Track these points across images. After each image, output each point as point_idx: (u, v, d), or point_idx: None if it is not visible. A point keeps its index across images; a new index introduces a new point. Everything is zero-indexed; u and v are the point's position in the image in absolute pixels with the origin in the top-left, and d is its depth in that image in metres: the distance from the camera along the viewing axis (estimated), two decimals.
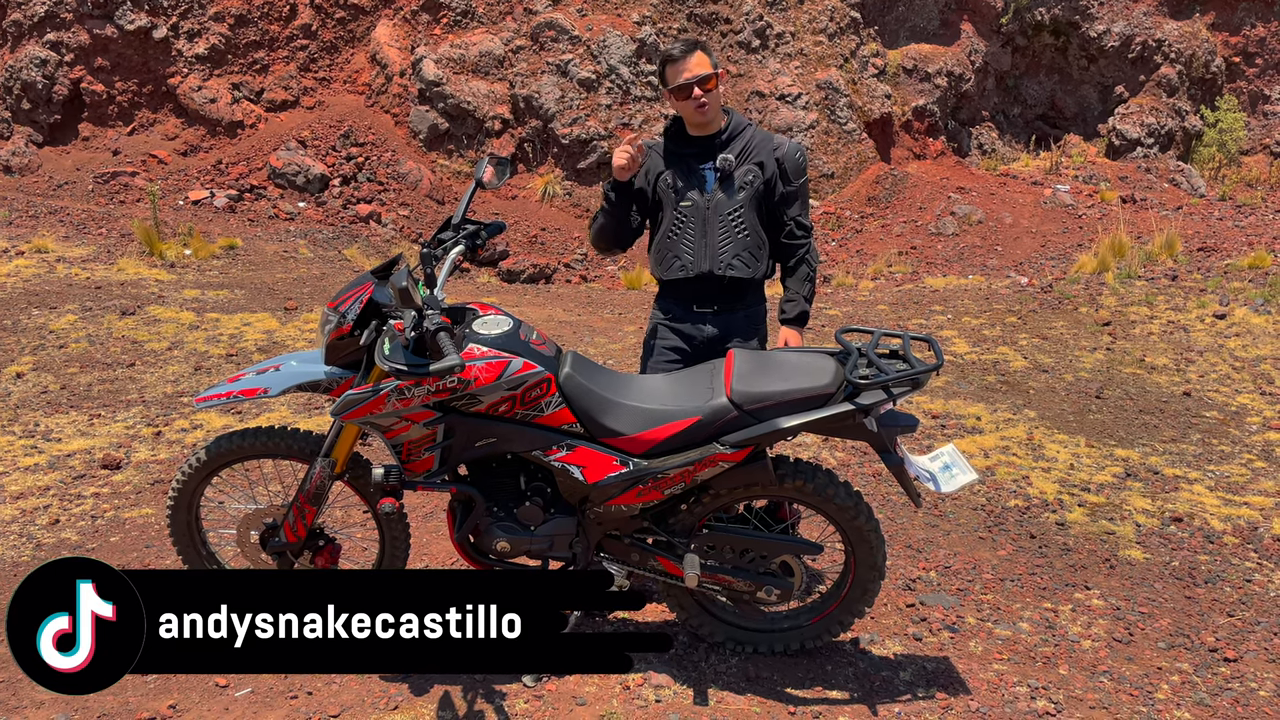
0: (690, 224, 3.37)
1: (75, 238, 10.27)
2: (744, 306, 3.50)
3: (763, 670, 3.28)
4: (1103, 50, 16.02)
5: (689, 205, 3.37)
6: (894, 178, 13.67)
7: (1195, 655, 3.53)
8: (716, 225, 3.35)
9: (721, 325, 3.47)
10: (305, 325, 7.61)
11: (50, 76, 12.72)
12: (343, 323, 2.94)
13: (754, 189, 3.35)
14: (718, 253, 3.36)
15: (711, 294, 3.43)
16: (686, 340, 3.50)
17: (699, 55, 3.29)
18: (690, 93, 3.27)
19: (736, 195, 3.34)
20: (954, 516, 4.60)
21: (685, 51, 3.29)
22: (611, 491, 3.01)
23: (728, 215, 3.35)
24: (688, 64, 3.27)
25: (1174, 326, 7.98)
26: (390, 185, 12.35)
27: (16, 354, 6.66)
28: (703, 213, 3.36)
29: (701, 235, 3.36)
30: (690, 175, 3.38)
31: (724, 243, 3.36)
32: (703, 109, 3.30)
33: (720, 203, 3.35)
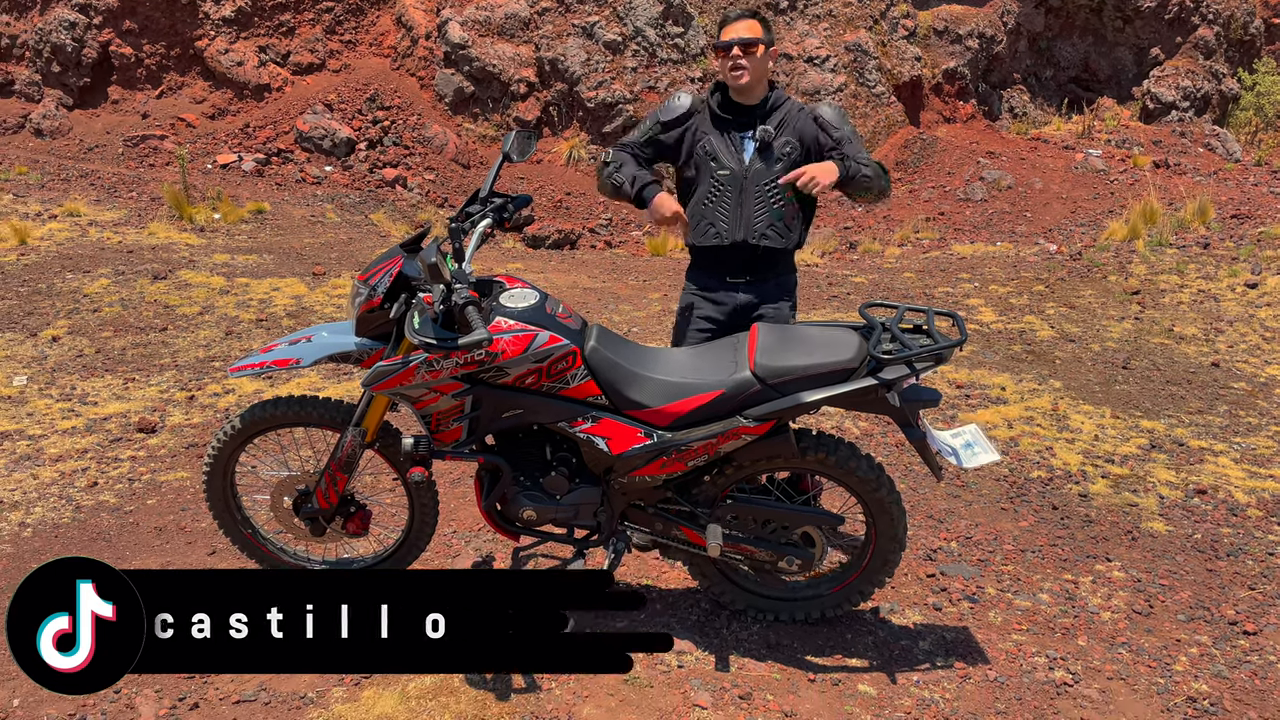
0: (727, 192, 3.41)
1: (106, 201, 10.38)
2: (774, 276, 3.54)
3: (783, 638, 3.33)
4: (1139, 11, 15.68)
5: (726, 174, 3.40)
6: (923, 142, 13.52)
7: (1215, 628, 3.55)
8: (753, 195, 3.39)
9: (754, 293, 3.52)
10: (333, 290, 7.69)
11: (79, 39, 12.79)
12: (373, 296, 2.99)
13: (790, 160, 3.38)
14: (753, 222, 3.40)
15: (744, 263, 3.47)
16: (719, 308, 3.55)
17: (751, 22, 3.38)
18: (730, 51, 3.33)
19: (774, 166, 3.38)
20: (976, 487, 4.62)
21: (739, 15, 3.40)
22: (636, 463, 3.06)
23: (764, 186, 3.38)
24: (737, 26, 3.37)
25: (1204, 296, 7.90)
26: (416, 149, 12.37)
27: (52, 318, 6.78)
28: (740, 182, 3.39)
29: (737, 204, 3.40)
30: (729, 143, 3.42)
31: (759, 213, 3.39)
32: (738, 72, 3.34)
33: (758, 173, 3.38)
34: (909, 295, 8.18)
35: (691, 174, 3.50)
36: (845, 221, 12.11)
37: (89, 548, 3.84)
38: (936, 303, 7.93)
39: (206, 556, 3.80)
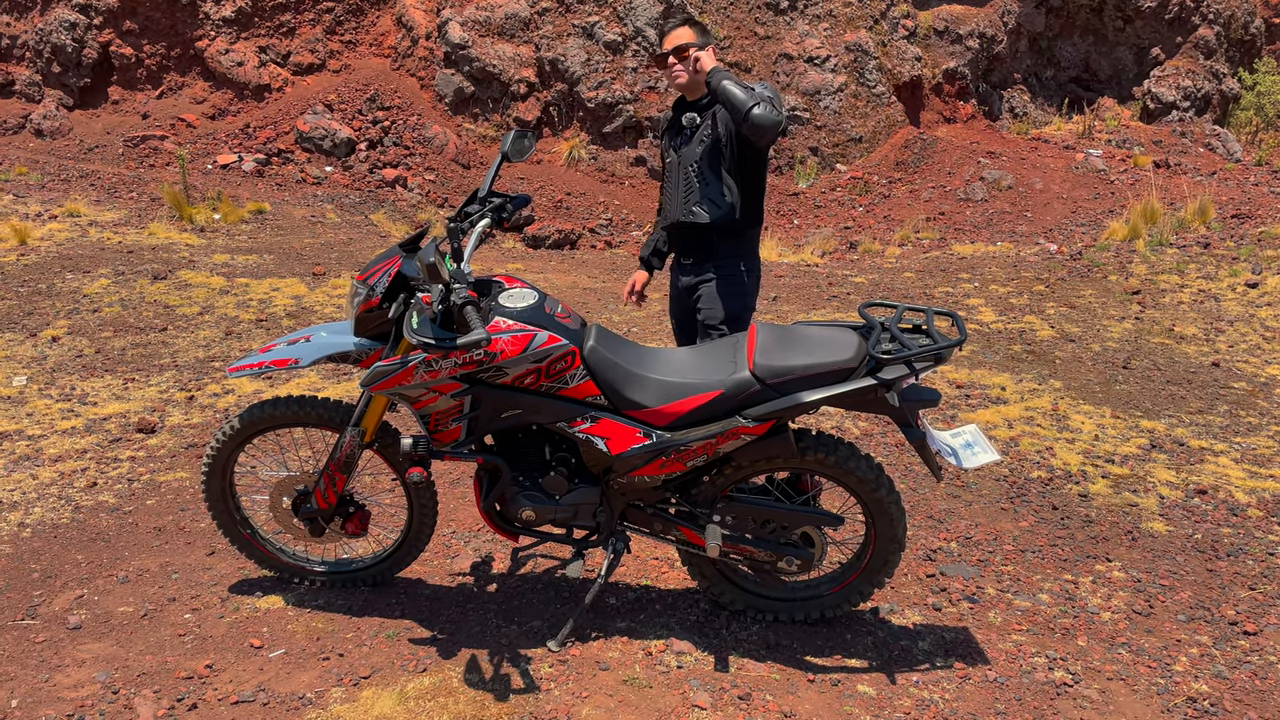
0: (670, 178, 3.76)
1: (106, 201, 10.38)
2: (712, 257, 3.70)
3: (783, 638, 3.33)
4: (1139, 11, 15.68)
5: (670, 161, 3.76)
6: (923, 142, 13.51)
7: (1215, 628, 3.55)
8: (680, 177, 3.68)
9: (693, 273, 3.76)
10: (333, 290, 7.69)
11: (80, 40, 12.79)
12: (371, 295, 2.99)
13: (709, 141, 3.60)
14: (684, 201, 3.67)
15: (687, 245, 3.76)
16: (674, 291, 3.91)
17: (683, 29, 3.65)
18: (665, 62, 3.63)
19: (695, 148, 3.63)
20: (976, 487, 4.62)
21: (673, 26, 3.67)
22: (635, 463, 3.05)
23: (689, 166, 3.65)
24: (672, 36, 3.64)
25: (1205, 295, 7.90)
26: (416, 149, 12.37)
27: (52, 318, 6.78)
28: (675, 168, 3.71)
29: (675, 187, 3.71)
30: (674, 135, 3.76)
31: (686, 192, 3.66)
32: (675, 76, 3.62)
33: (685, 155, 3.67)
34: (909, 295, 8.17)
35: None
36: (845, 222, 12.11)
37: (88, 548, 3.84)
38: (936, 303, 7.92)
39: (206, 557, 3.79)
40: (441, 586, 3.62)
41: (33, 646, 3.19)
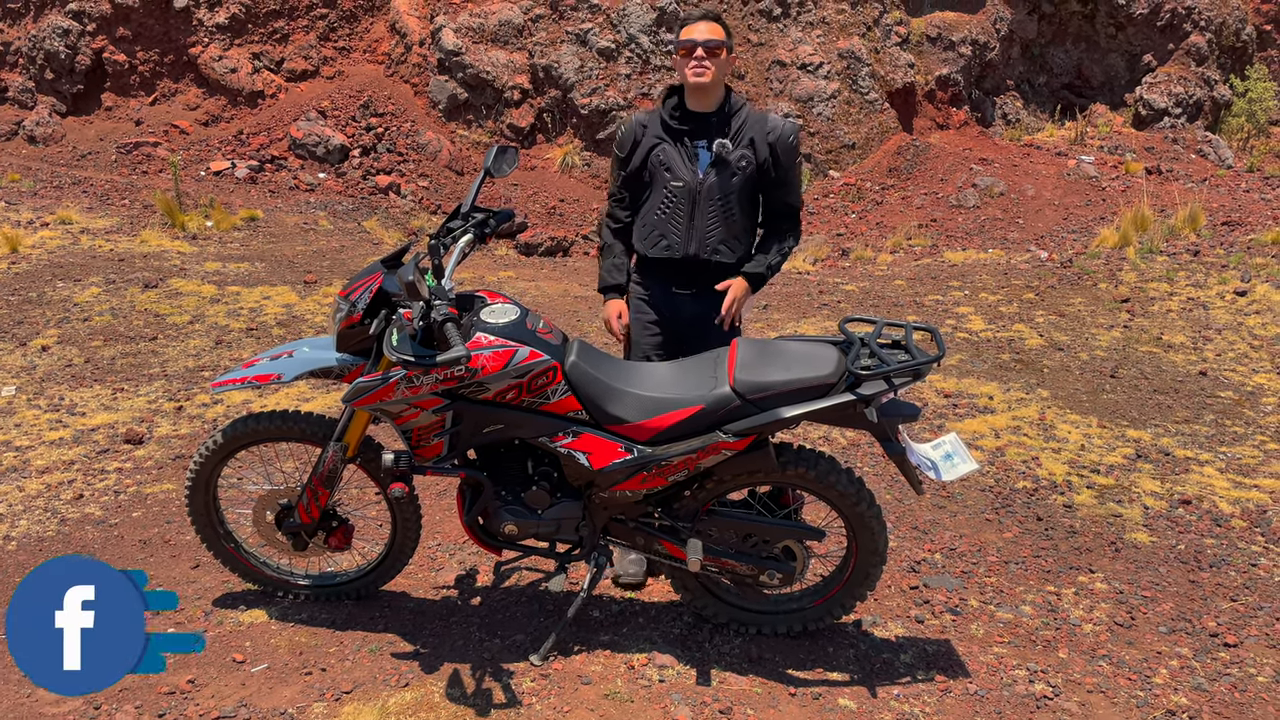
0: (680, 205, 3.39)
1: (99, 208, 10.38)
2: (722, 292, 3.52)
3: (765, 651, 3.34)
4: (1131, 18, 15.72)
5: (680, 186, 3.38)
6: (916, 148, 13.54)
7: (1196, 640, 3.56)
8: (706, 209, 3.37)
9: (702, 306, 3.51)
10: (324, 299, 7.70)
11: (73, 46, 12.79)
12: (353, 312, 3.00)
13: (746, 175, 3.37)
14: (705, 236, 3.40)
15: (693, 276, 3.47)
16: (665, 317, 3.56)
17: (713, 24, 3.33)
18: (693, 51, 3.28)
19: (730, 180, 3.36)
20: (961, 498, 4.63)
21: (702, 16, 3.34)
22: (616, 477, 3.07)
23: (718, 200, 3.37)
24: (700, 27, 3.32)
25: (1194, 303, 7.92)
26: (410, 156, 12.38)
27: (42, 326, 6.78)
28: (693, 194, 3.37)
29: (689, 217, 3.39)
30: (683, 152, 3.38)
31: (712, 227, 3.39)
32: (700, 72, 3.29)
33: (712, 186, 3.36)
34: (899, 303, 8.20)
35: (646, 180, 3.46)
36: (838, 228, 12.13)
37: None
38: (927, 310, 7.94)
39: (190, 570, 3.80)
40: (425, 600, 3.63)
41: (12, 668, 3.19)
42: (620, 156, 3.51)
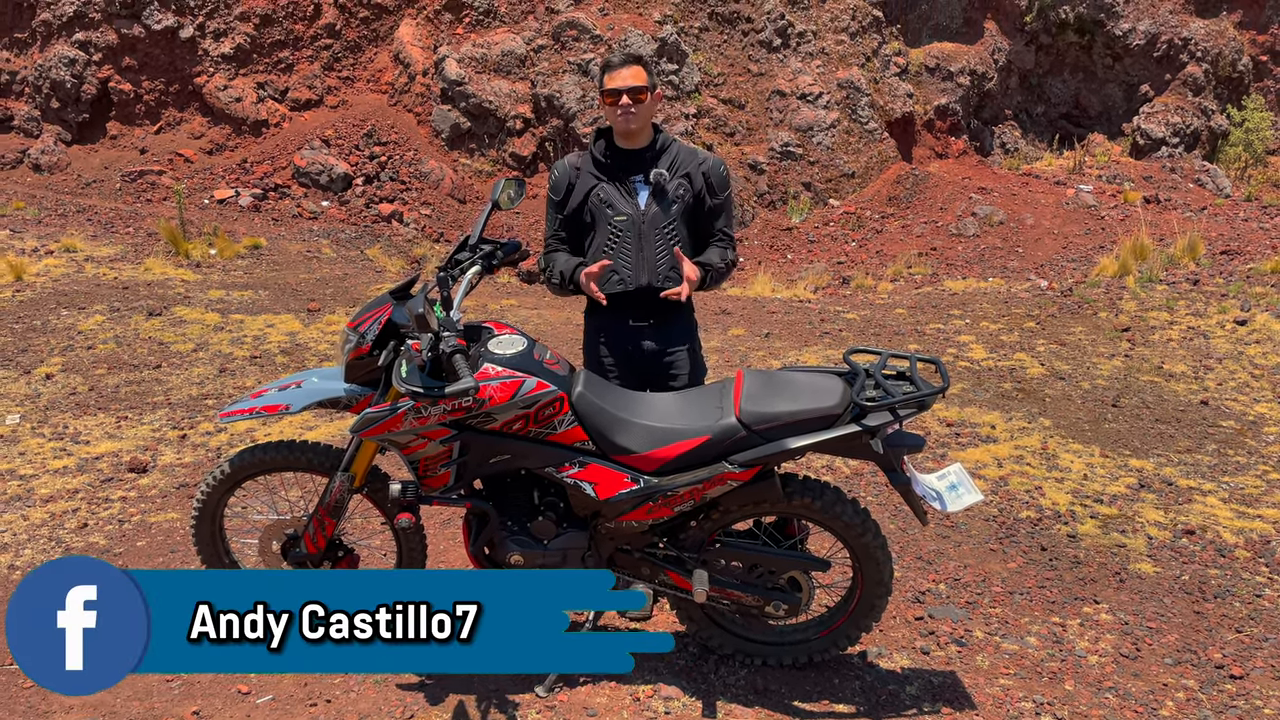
0: (626, 238, 3.44)
1: (103, 237, 10.44)
2: (679, 319, 3.59)
3: (771, 683, 3.33)
4: (1128, 49, 15.88)
5: (624, 219, 3.44)
6: (915, 177, 13.63)
7: (1201, 671, 3.56)
8: (653, 238, 3.44)
9: (658, 338, 3.56)
10: (327, 327, 7.72)
11: (79, 76, 12.90)
12: (361, 343, 3.02)
13: (684, 202, 3.46)
14: (655, 265, 3.45)
15: (648, 307, 3.50)
16: (623, 354, 3.58)
17: (636, 69, 3.41)
18: (619, 99, 3.36)
19: (670, 208, 3.44)
20: (965, 528, 4.64)
21: (624, 62, 3.42)
22: (622, 507, 3.07)
23: (664, 228, 3.44)
24: (623, 74, 3.39)
25: (1194, 332, 7.95)
26: (413, 184, 12.46)
27: (46, 355, 6.80)
28: (637, 226, 3.43)
29: (638, 249, 3.44)
30: (621, 189, 3.46)
31: (661, 255, 3.45)
32: (628, 117, 3.38)
33: (655, 216, 3.44)
34: (900, 332, 8.22)
35: (588, 221, 3.51)
36: (838, 257, 12.19)
37: None
38: (928, 339, 7.97)
39: None
40: None
41: (21, 692, 3.19)
42: (555, 200, 3.56)
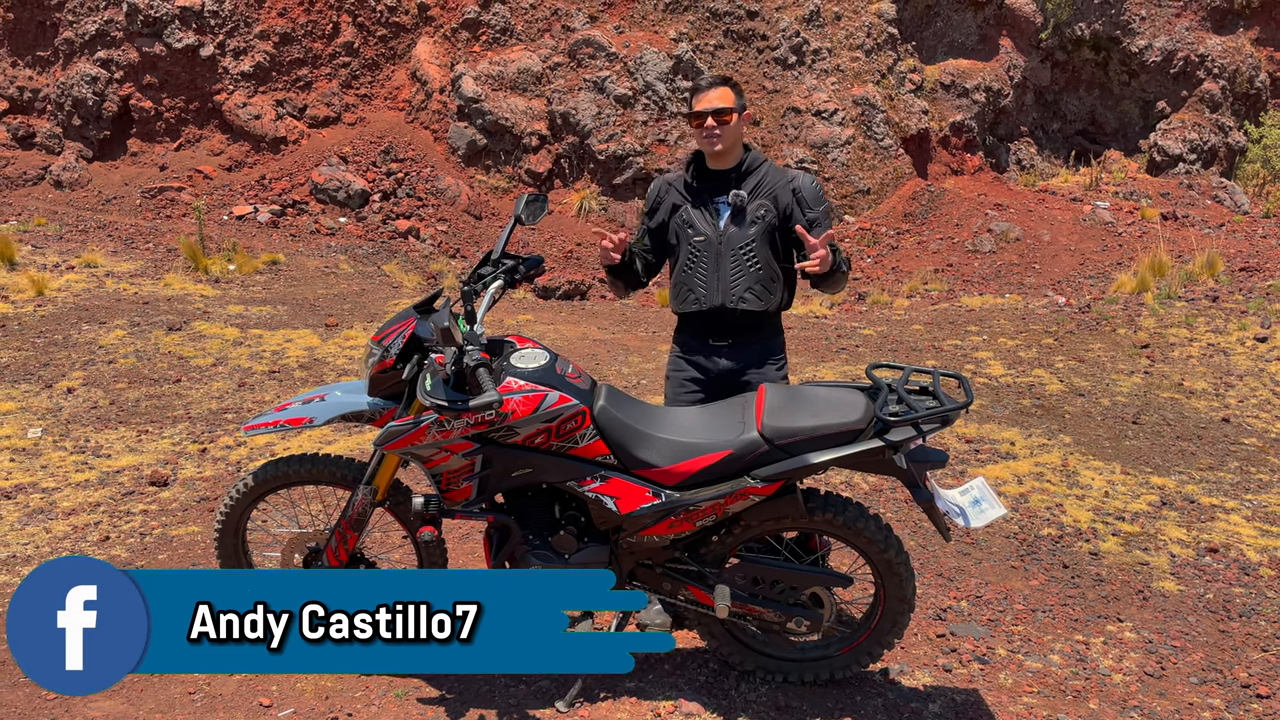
0: (703, 258, 3.47)
1: (123, 252, 10.53)
2: (759, 339, 3.57)
3: (792, 700, 3.31)
4: (1144, 65, 15.87)
5: (701, 240, 3.47)
6: (931, 194, 13.63)
7: (1227, 691, 3.52)
8: (728, 259, 3.44)
9: (736, 358, 3.54)
10: (345, 342, 7.76)
11: (100, 93, 13.05)
12: (385, 357, 3.03)
13: (765, 223, 3.44)
14: (730, 286, 3.44)
15: (725, 327, 3.51)
16: (702, 372, 3.59)
17: (723, 90, 3.41)
18: (704, 121, 3.39)
19: (748, 230, 3.43)
20: (986, 545, 4.61)
21: (711, 84, 3.44)
22: (644, 522, 3.07)
23: (740, 249, 3.43)
24: (709, 95, 3.41)
25: (1214, 349, 7.90)
26: (429, 201, 12.53)
27: (68, 369, 6.85)
28: (715, 247, 3.45)
29: (714, 269, 3.45)
30: (704, 209, 3.49)
31: (735, 277, 3.44)
32: (712, 139, 3.41)
33: (732, 237, 3.44)
34: (918, 348, 8.20)
35: (674, 243, 3.56)
36: (854, 273, 12.18)
37: None
38: (945, 355, 7.95)
39: None
40: None
41: (44, 704, 3.20)
42: (644, 212, 3.67)
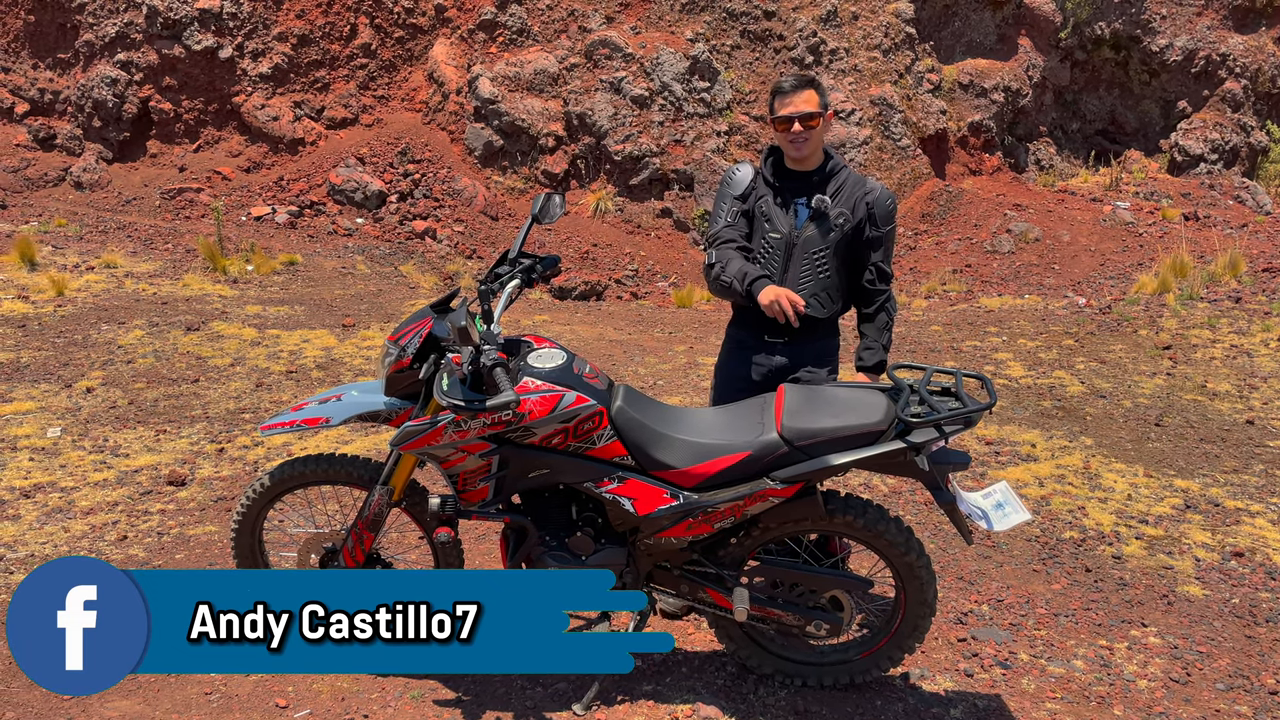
0: (775, 254, 3.43)
1: (143, 253, 10.58)
2: (815, 339, 3.53)
3: (811, 704, 3.28)
4: (1165, 65, 15.73)
5: (777, 237, 3.43)
6: (949, 194, 13.54)
7: (1255, 697, 3.46)
8: (800, 261, 3.41)
9: (791, 355, 3.51)
10: (362, 342, 7.76)
11: (120, 95, 13.13)
12: (402, 356, 3.02)
13: (842, 231, 3.39)
14: (797, 288, 3.40)
15: (782, 326, 3.42)
16: (756, 368, 3.55)
17: (809, 93, 3.35)
18: (790, 126, 3.33)
19: (828, 235, 3.38)
20: (1007, 548, 4.56)
21: (796, 87, 3.36)
22: (662, 524, 3.04)
23: (814, 254, 3.40)
24: (795, 99, 3.34)
25: (1237, 351, 7.81)
26: (446, 202, 12.54)
27: (87, 369, 6.88)
28: (789, 246, 3.42)
29: (783, 269, 3.42)
30: (785, 206, 3.44)
31: (805, 279, 3.41)
32: (798, 144, 3.36)
33: (809, 240, 3.40)
34: (937, 349, 8.14)
35: (747, 233, 3.52)
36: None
37: None
38: (964, 356, 7.88)
39: None
40: None
41: (61, 704, 3.20)
42: (736, 194, 3.51)
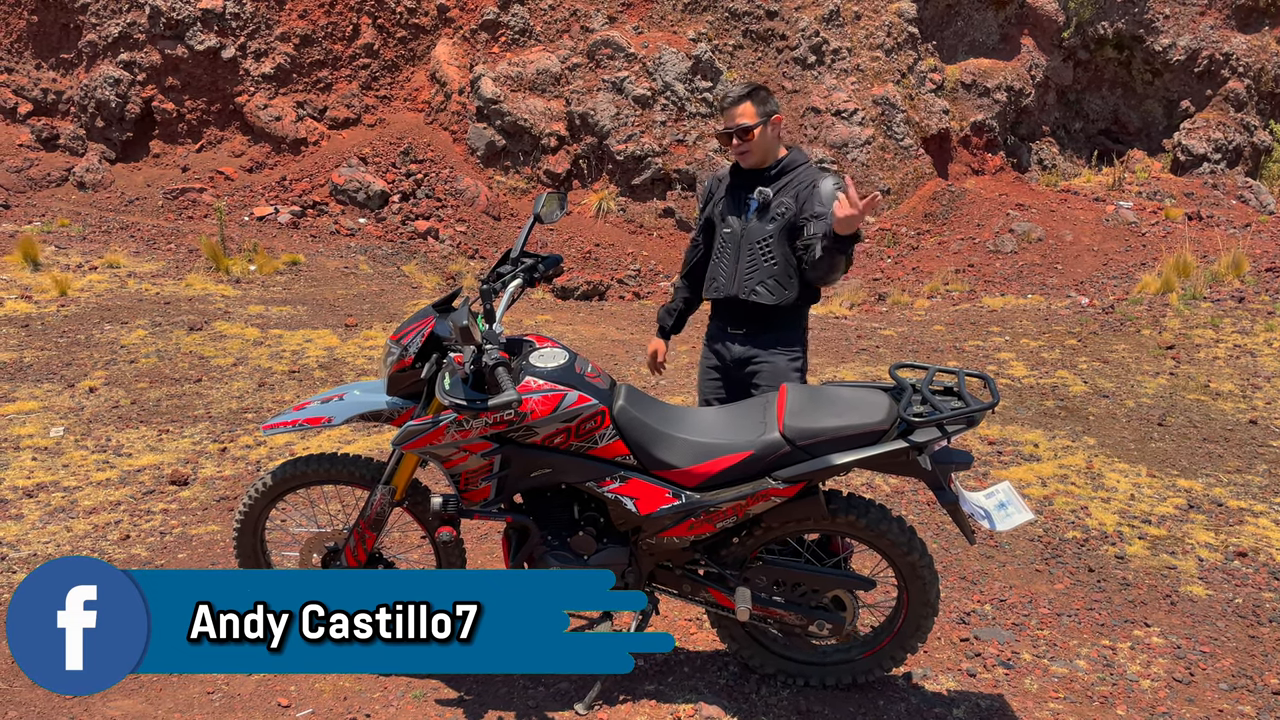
0: (727, 249, 3.60)
1: (145, 253, 10.59)
2: (773, 330, 3.60)
3: (814, 704, 3.28)
4: (1168, 64, 15.71)
5: (728, 232, 3.61)
6: (951, 194, 13.53)
7: (1258, 698, 3.45)
8: (745, 252, 3.54)
9: (749, 344, 3.62)
10: (365, 342, 7.77)
11: (123, 95, 13.14)
12: (404, 355, 3.02)
13: (784, 220, 3.48)
14: (744, 278, 3.53)
15: (741, 317, 3.60)
16: (719, 358, 3.71)
17: (744, 106, 3.49)
18: (729, 141, 3.55)
19: (767, 225, 3.50)
20: (1010, 548, 4.55)
21: (735, 101, 3.51)
22: (664, 523, 3.04)
23: (757, 244, 3.52)
24: (733, 112, 3.51)
25: (1240, 351, 7.80)
26: (448, 202, 12.54)
27: (90, 368, 6.88)
28: (737, 239, 3.58)
29: (734, 260, 3.57)
30: (736, 204, 3.62)
31: (750, 269, 3.53)
32: (741, 154, 3.55)
33: (752, 230, 3.54)
34: (939, 349, 8.13)
35: (709, 242, 3.75)
36: (874, 273, 12.10)
37: None
38: (967, 356, 7.88)
39: None
40: None
41: (63, 703, 3.20)
42: (700, 204, 3.82)
